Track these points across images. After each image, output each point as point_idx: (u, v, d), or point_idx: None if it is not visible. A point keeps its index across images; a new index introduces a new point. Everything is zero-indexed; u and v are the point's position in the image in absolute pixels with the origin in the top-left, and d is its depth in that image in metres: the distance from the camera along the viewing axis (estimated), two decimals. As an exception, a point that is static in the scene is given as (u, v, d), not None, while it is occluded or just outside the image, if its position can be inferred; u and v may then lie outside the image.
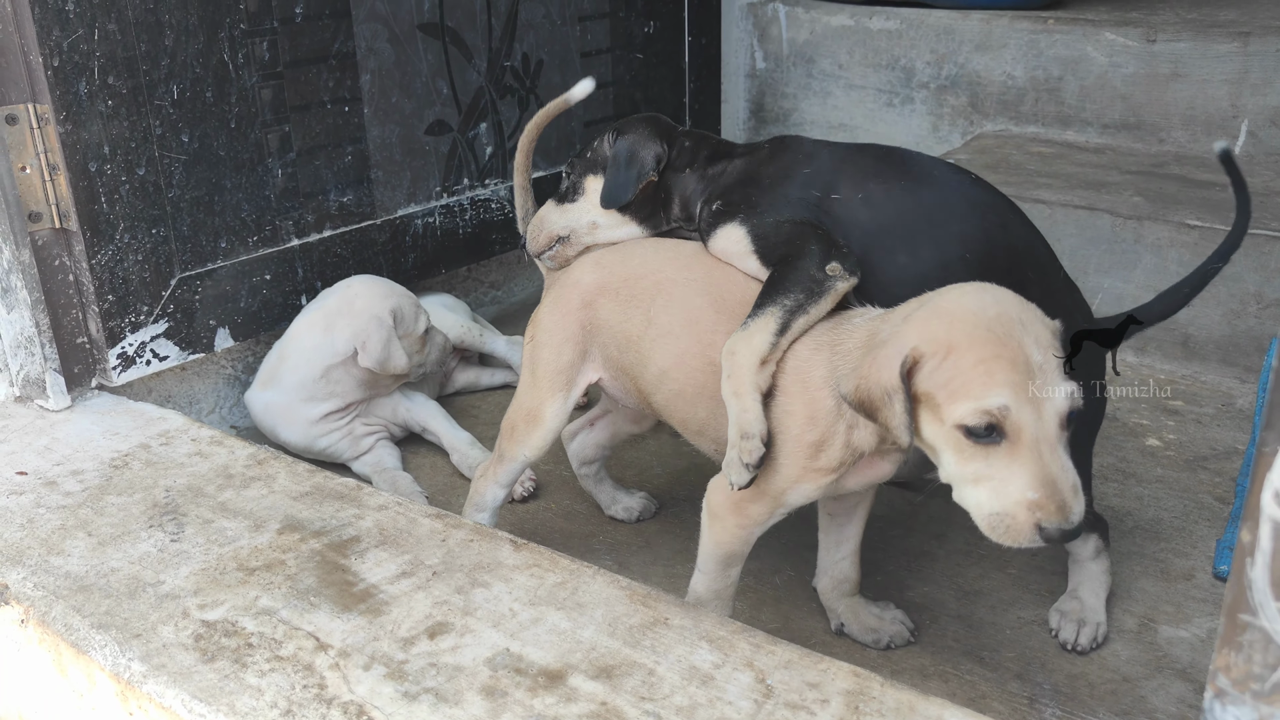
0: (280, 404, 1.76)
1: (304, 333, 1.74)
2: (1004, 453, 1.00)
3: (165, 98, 1.66)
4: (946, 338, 1.01)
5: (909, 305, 1.12)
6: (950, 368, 1.01)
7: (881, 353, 1.06)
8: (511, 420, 1.44)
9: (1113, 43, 2.50)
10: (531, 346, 1.42)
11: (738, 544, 1.26)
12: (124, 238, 1.65)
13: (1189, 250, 2.05)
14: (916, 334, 1.04)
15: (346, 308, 1.71)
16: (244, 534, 1.30)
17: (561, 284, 1.43)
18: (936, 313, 1.05)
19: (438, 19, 2.06)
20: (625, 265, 1.38)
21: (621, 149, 1.45)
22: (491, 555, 1.24)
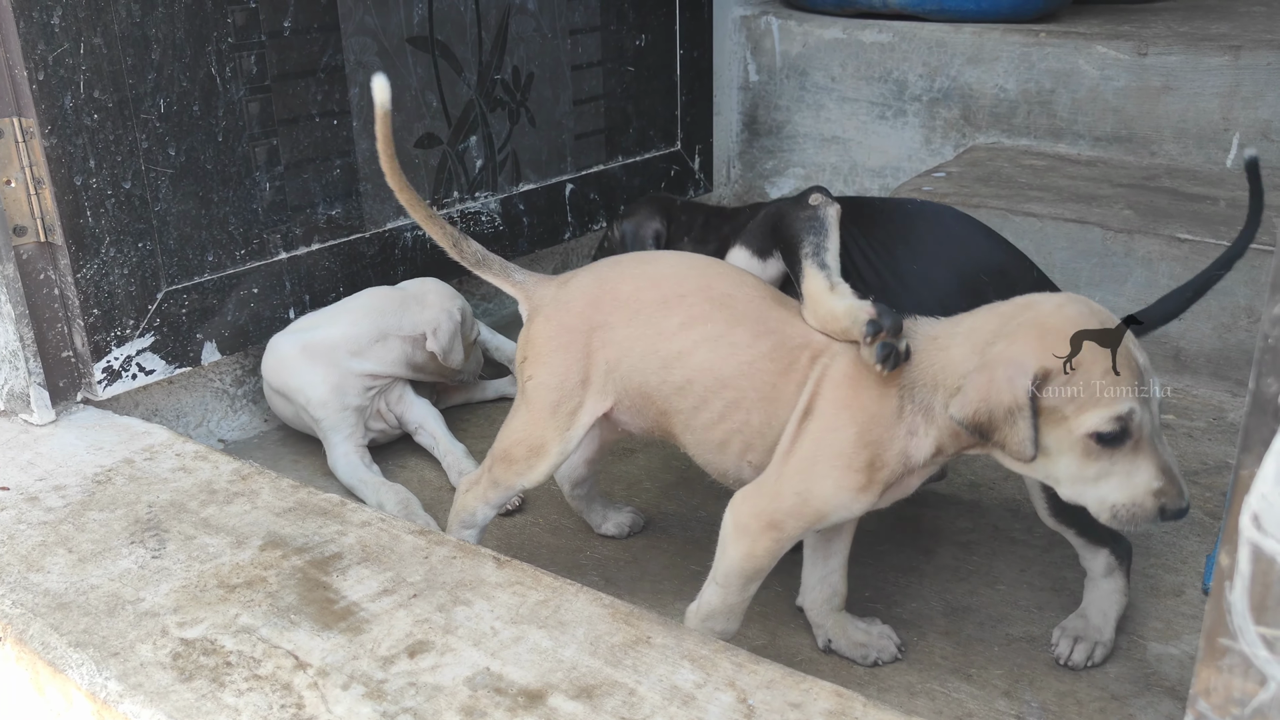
0: (323, 348, 1.77)
1: (374, 300, 1.83)
2: (1128, 450, 1.06)
3: (152, 111, 1.66)
4: (1052, 359, 1.05)
5: (986, 318, 1.13)
6: (1079, 381, 1.04)
7: (998, 373, 1.06)
8: (508, 449, 1.34)
9: (1104, 56, 2.50)
10: (528, 370, 1.32)
11: (766, 560, 1.21)
12: (109, 251, 1.64)
13: (1180, 264, 2.04)
14: (1034, 352, 1.05)
15: (422, 297, 1.85)
16: (226, 550, 1.30)
17: (559, 302, 1.32)
18: (1048, 329, 1.07)
19: (427, 32, 2.06)
20: (628, 280, 1.30)
21: (627, 230, 1.64)
22: (474, 573, 1.23)
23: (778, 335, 1.21)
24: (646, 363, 1.26)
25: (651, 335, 1.25)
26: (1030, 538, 1.62)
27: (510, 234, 2.31)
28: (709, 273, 1.28)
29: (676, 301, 1.25)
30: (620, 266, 1.33)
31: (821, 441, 1.16)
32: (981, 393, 1.07)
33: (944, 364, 1.13)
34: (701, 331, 1.23)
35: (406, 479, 1.82)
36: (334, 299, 1.95)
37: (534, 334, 1.33)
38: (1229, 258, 1.39)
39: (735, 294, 1.25)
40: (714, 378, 1.22)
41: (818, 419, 1.17)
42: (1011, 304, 1.13)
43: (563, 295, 1.33)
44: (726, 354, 1.21)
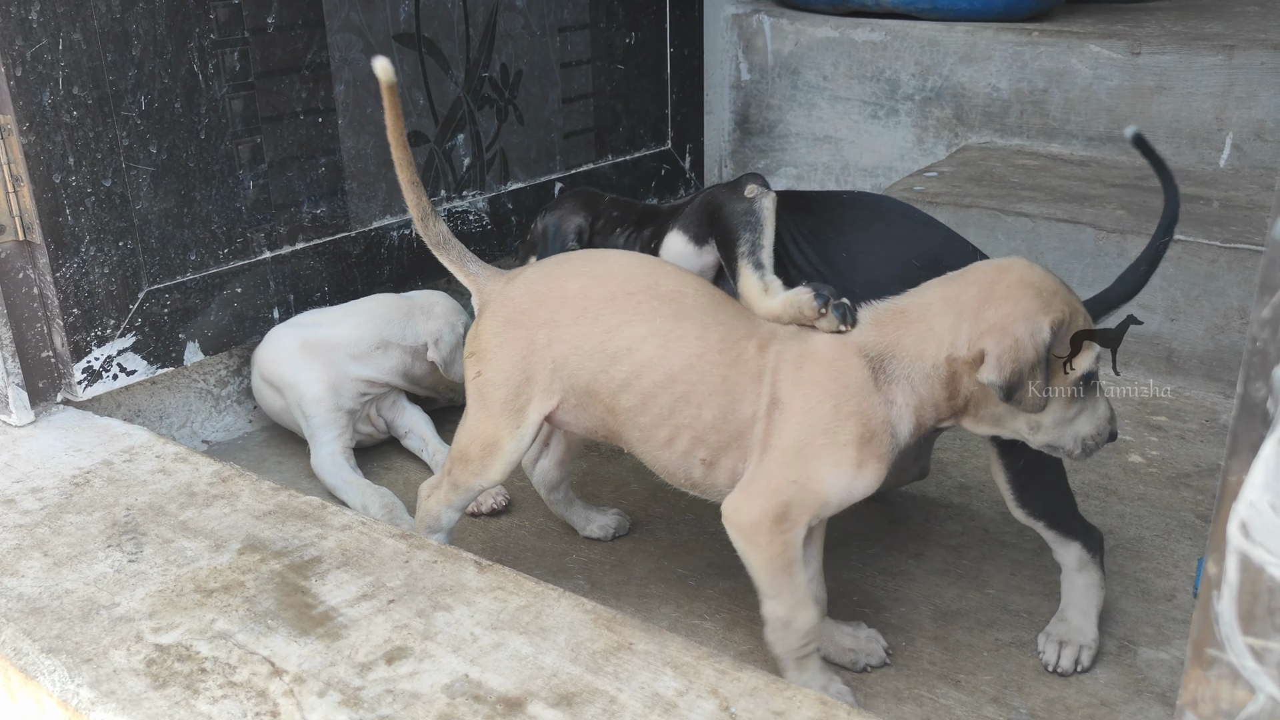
0: (324, 346, 1.76)
1: (380, 306, 1.84)
2: (1092, 389, 1.19)
3: (132, 108, 1.64)
4: (1066, 310, 1.13)
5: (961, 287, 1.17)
6: (1073, 329, 1.14)
7: (1019, 332, 1.11)
8: (464, 448, 1.32)
9: (1097, 55, 2.49)
10: (475, 366, 1.30)
11: (792, 550, 1.19)
12: (90, 250, 1.62)
13: (1172, 264, 2.03)
14: (1040, 309, 1.12)
15: (429, 309, 1.86)
16: (204, 554, 1.28)
17: (506, 298, 1.30)
18: (1039, 288, 1.14)
19: (414, 29, 2.04)
20: (575, 277, 1.28)
21: (549, 224, 1.63)
22: (455, 577, 1.21)
23: (725, 328, 1.21)
24: (593, 360, 1.24)
25: (598, 332, 1.23)
26: (1020, 541, 1.61)
27: (498, 233, 2.29)
28: (656, 271, 1.27)
29: (624, 299, 1.23)
30: (568, 264, 1.31)
31: (801, 424, 1.16)
32: (1012, 354, 1.11)
33: (923, 333, 1.16)
34: (648, 327, 1.22)
35: (391, 481, 1.80)
36: (319, 299, 1.93)
37: (482, 329, 1.31)
38: (1167, 223, 1.42)
39: (682, 290, 1.24)
40: (661, 373, 1.21)
41: (787, 405, 1.17)
42: (979, 271, 1.18)
43: (509, 291, 1.31)
44: (674, 348, 1.20)
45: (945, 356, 1.15)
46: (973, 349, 1.13)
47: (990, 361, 1.11)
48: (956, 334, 1.14)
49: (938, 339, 1.15)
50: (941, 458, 1.84)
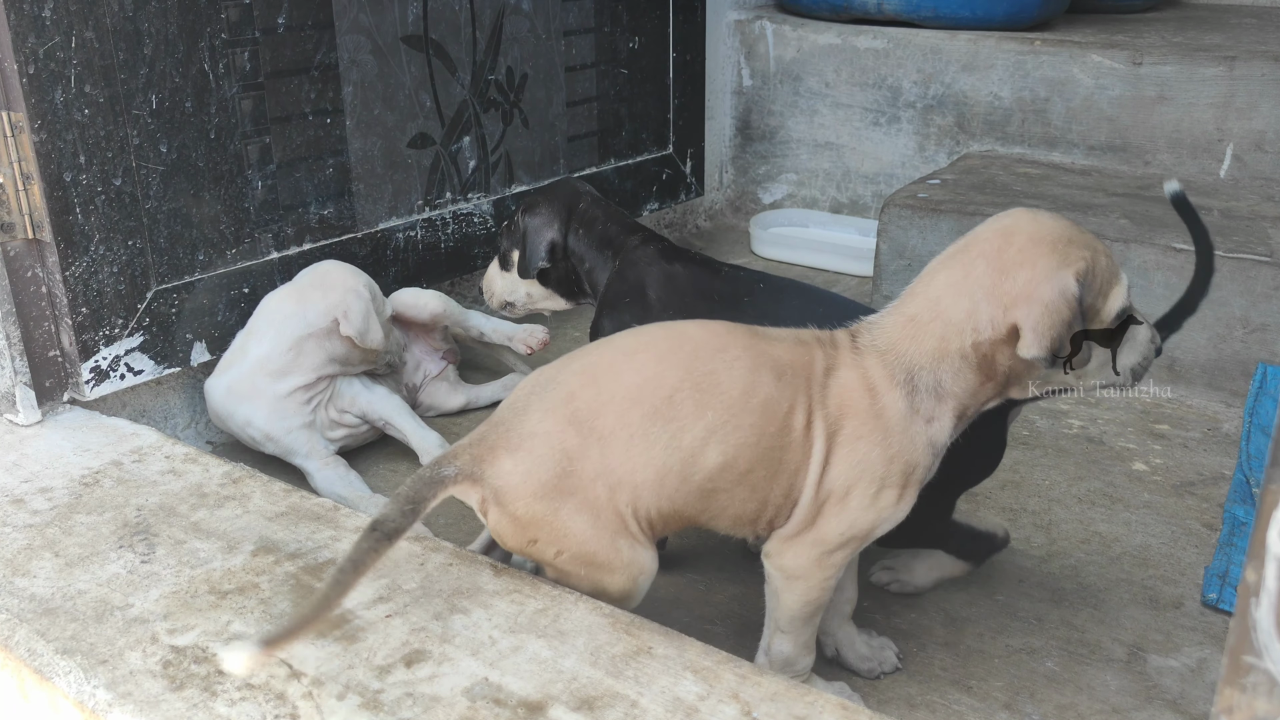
0: (244, 382, 1.70)
1: (273, 307, 1.73)
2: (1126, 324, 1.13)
3: (143, 107, 1.63)
4: (1087, 254, 1.08)
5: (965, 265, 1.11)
6: (1097, 277, 1.08)
7: (1048, 295, 1.05)
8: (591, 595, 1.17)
9: (1099, 65, 2.50)
10: (551, 548, 1.14)
11: (826, 595, 1.19)
12: (99, 249, 1.61)
13: (1175, 273, 2.04)
14: (1060, 263, 1.06)
15: (320, 281, 1.73)
16: (217, 556, 1.27)
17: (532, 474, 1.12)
18: (1051, 240, 1.08)
19: (421, 31, 2.04)
20: (605, 409, 1.13)
21: (530, 227, 1.65)
22: (471, 580, 1.21)
23: (770, 402, 1.12)
24: (664, 486, 1.13)
25: (657, 458, 1.11)
26: (1028, 548, 1.61)
27: (503, 236, 2.29)
28: (683, 351, 1.14)
29: (666, 407, 1.11)
30: (582, 398, 1.13)
31: (850, 476, 1.13)
32: (1047, 321, 1.05)
33: (941, 332, 1.11)
34: (703, 429, 1.11)
35: (398, 483, 1.79)
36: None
37: (526, 515, 1.12)
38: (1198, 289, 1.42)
39: (716, 367, 1.13)
40: (733, 473, 1.13)
41: (837, 463, 1.13)
42: (981, 241, 1.11)
43: (532, 462, 1.12)
44: (733, 441, 1.12)
45: (971, 344, 1.10)
46: (1001, 326, 1.07)
47: (1027, 336, 1.05)
48: (977, 318, 1.08)
49: (958, 331, 1.10)
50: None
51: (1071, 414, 2.03)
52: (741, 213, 3.07)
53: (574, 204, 1.64)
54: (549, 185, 1.73)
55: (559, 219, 1.62)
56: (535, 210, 1.65)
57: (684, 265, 1.53)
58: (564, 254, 1.62)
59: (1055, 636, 1.42)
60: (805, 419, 1.12)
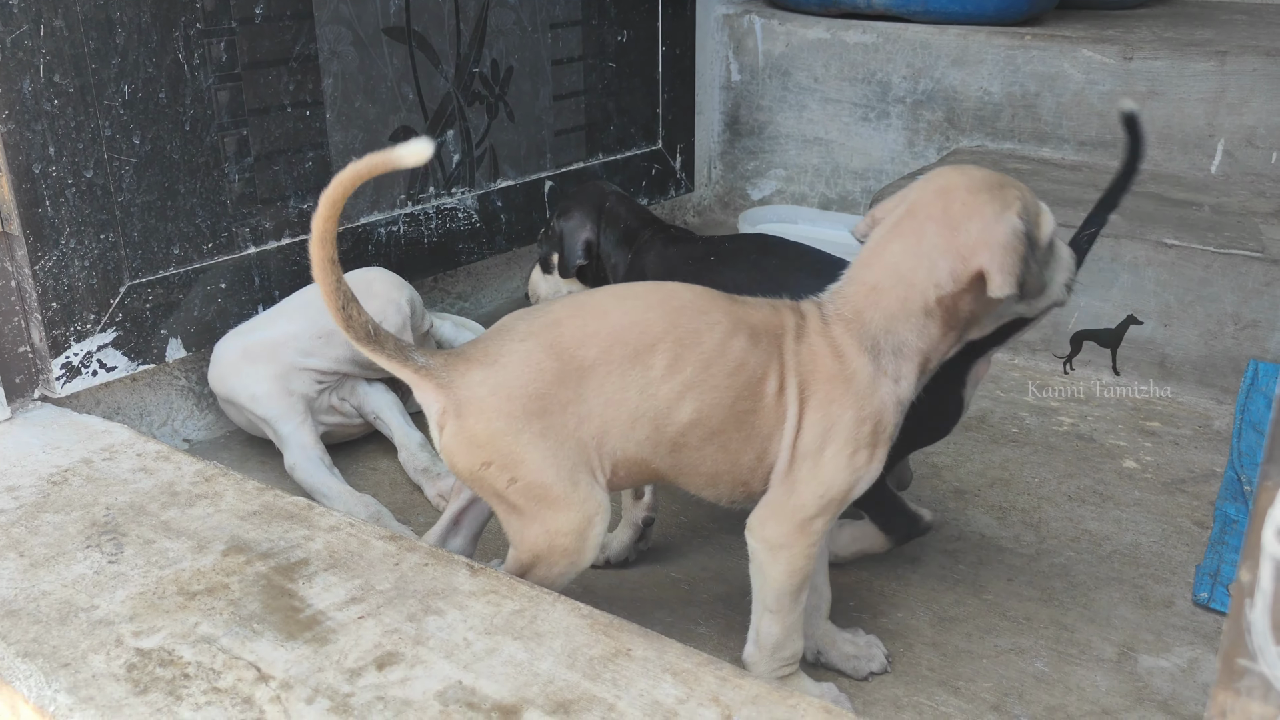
0: (264, 349, 1.70)
1: (312, 297, 1.73)
2: (1052, 246, 1.20)
3: (115, 98, 1.60)
4: (1018, 193, 1.16)
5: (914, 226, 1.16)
6: (1030, 211, 1.15)
7: (1001, 238, 1.11)
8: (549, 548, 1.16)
9: (1090, 60, 2.48)
10: (503, 475, 1.13)
11: (810, 564, 1.20)
12: (70, 243, 1.58)
13: (1166, 269, 2.02)
14: (1003, 204, 1.13)
15: (365, 289, 1.73)
16: (186, 555, 1.24)
17: (503, 386, 1.12)
18: (990, 184, 1.15)
19: (404, 23, 2.00)
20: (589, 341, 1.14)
21: (566, 230, 1.71)
22: (447, 580, 1.18)
23: (745, 368, 1.15)
24: (635, 430, 1.15)
25: (633, 399, 1.13)
26: (1017, 546, 1.59)
27: (487, 231, 2.26)
28: (669, 306, 1.17)
29: (648, 353, 1.13)
30: (570, 326, 1.15)
31: (822, 440, 1.16)
32: (1009, 260, 1.11)
33: (904, 294, 1.15)
34: (680, 382, 1.14)
35: (377, 483, 1.76)
36: (305, 295, 1.89)
37: (486, 432, 1.12)
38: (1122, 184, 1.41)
39: (699, 326, 1.15)
40: (704, 429, 1.15)
41: (809, 428, 1.16)
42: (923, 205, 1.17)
43: (506, 377, 1.12)
44: (709, 400, 1.15)
45: (935, 299, 1.15)
46: (964, 276, 1.13)
47: (996, 277, 1.11)
48: (938, 275, 1.14)
49: (920, 291, 1.15)
50: (936, 462, 1.82)
51: (1062, 411, 2.01)
52: (730, 208, 3.05)
53: (602, 204, 1.71)
54: (579, 189, 1.78)
55: (590, 220, 1.70)
56: (569, 214, 1.72)
57: (682, 246, 1.62)
58: (597, 251, 1.70)
59: (1044, 636, 1.39)
60: (778, 384, 1.16)
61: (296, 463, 1.68)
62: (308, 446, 1.69)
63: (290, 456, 1.69)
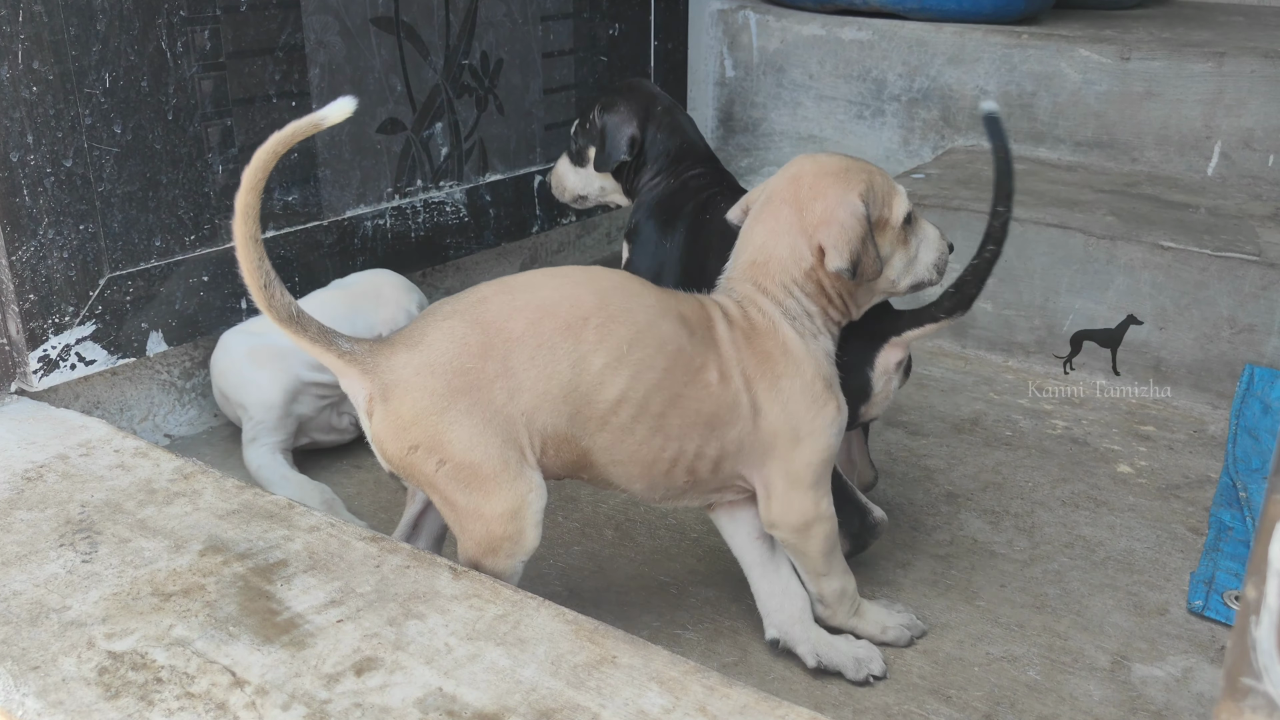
0: (276, 352, 1.67)
1: (322, 301, 1.72)
2: (915, 228, 1.32)
3: (96, 86, 1.56)
4: (864, 177, 1.26)
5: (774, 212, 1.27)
6: (877, 193, 1.26)
7: (841, 217, 1.22)
8: (486, 538, 1.15)
9: (1087, 59, 2.46)
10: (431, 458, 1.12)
11: (835, 520, 1.28)
12: (48, 233, 1.54)
13: (1162, 272, 2.00)
14: (845, 189, 1.24)
15: (374, 294, 1.74)
16: (163, 555, 1.21)
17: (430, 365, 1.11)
18: (834, 171, 1.26)
19: (392, 13, 1.97)
20: (516, 315, 1.14)
21: (609, 125, 1.73)
22: (428, 584, 1.15)
23: (681, 352, 1.18)
24: (565, 404, 1.14)
25: (564, 371, 1.13)
26: (1010, 551, 1.57)
27: (476, 226, 2.23)
28: (599, 286, 1.18)
29: (579, 326, 1.14)
30: (496, 302, 1.15)
31: (791, 413, 1.22)
32: (844, 237, 1.22)
33: (782, 267, 1.25)
34: (611, 355, 1.14)
35: (361, 480, 1.73)
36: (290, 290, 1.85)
37: (412, 414, 1.11)
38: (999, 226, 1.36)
39: (630, 305, 1.17)
40: (634, 406, 1.15)
41: (769, 407, 1.22)
42: (779, 190, 1.27)
43: (431, 356, 1.11)
44: (645, 383, 1.15)
45: (802, 273, 1.24)
46: (813, 253, 1.23)
47: (830, 253, 1.22)
48: (797, 251, 1.24)
49: (794, 263, 1.24)
50: (928, 465, 1.80)
51: (1055, 414, 1.99)
52: (722, 206, 3.02)
53: (651, 106, 1.74)
54: (624, 85, 1.80)
55: (637, 117, 1.72)
56: (614, 108, 1.73)
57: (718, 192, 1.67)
58: (642, 149, 1.73)
59: (1037, 644, 1.37)
60: (719, 373, 1.19)
61: (259, 458, 1.66)
62: (278, 453, 1.67)
63: (254, 452, 1.66)
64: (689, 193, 1.68)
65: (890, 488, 1.73)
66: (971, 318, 2.21)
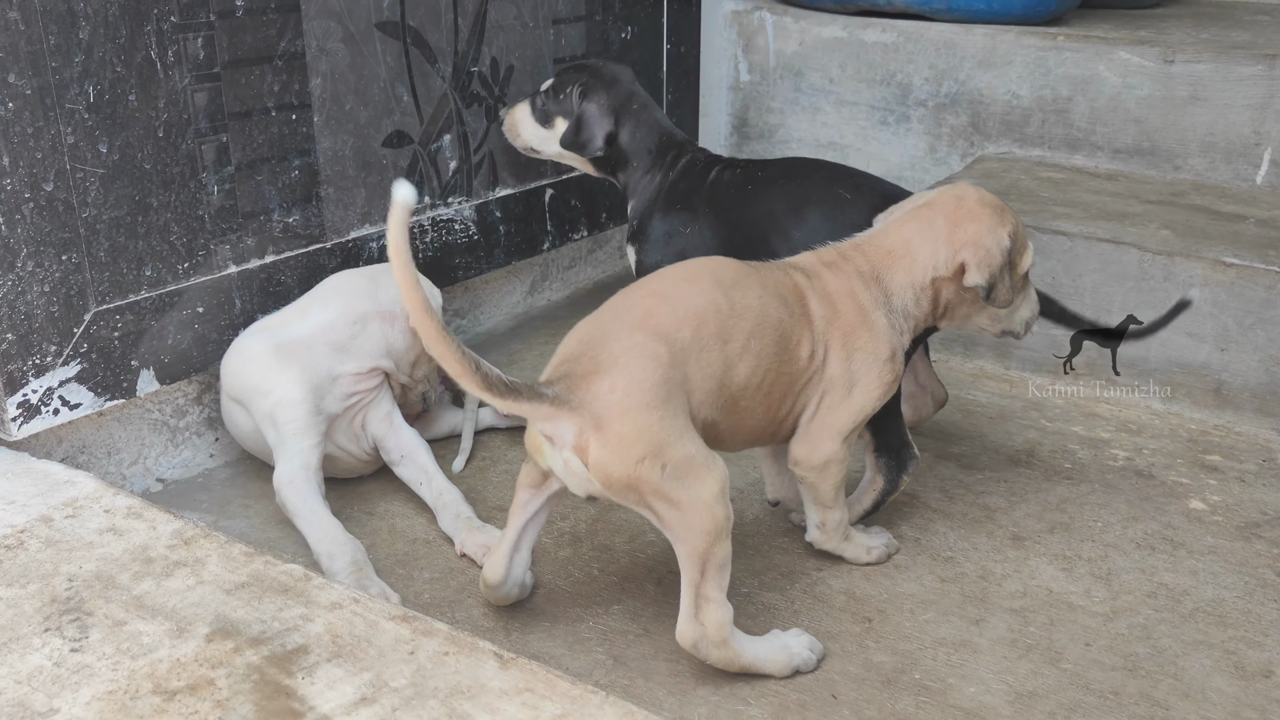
0: (301, 347, 1.56)
1: (341, 281, 1.66)
2: (1025, 283, 1.48)
3: (79, 101, 1.41)
4: (1015, 221, 1.43)
5: (928, 217, 1.42)
6: (1019, 239, 1.43)
7: (989, 244, 1.38)
8: (714, 524, 1.20)
9: (1127, 62, 2.33)
10: (657, 462, 1.16)
11: (846, 465, 1.43)
12: (27, 265, 1.39)
13: (1224, 290, 1.87)
14: (999, 224, 1.40)
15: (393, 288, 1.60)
16: (164, 641, 1.06)
17: (634, 386, 1.17)
18: (994, 207, 1.42)
19: (398, 17, 1.82)
20: (684, 321, 1.25)
21: (588, 113, 1.76)
22: (472, 674, 1.01)
23: (781, 327, 1.32)
24: (716, 396, 1.27)
25: (717, 368, 1.26)
26: (1089, 603, 1.44)
27: (485, 244, 2.08)
28: (723, 283, 1.30)
29: (724, 327, 1.27)
30: (660, 314, 1.24)
31: (850, 370, 1.37)
32: (986, 260, 1.38)
33: (910, 265, 1.40)
34: (741, 346, 1.28)
35: (374, 529, 1.58)
36: (291, 319, 1.71)
37: (634, 430, 1.15)
38: None
39: (748, 297, 1.30)
40: (756, 387, 1.31)
41: (837, 364, 1.36)
42: (940, 202, 1.42)
43: (633, 374, 1.17)
44: (764, 364, 1.31)
45: (931, 278, 1.40)
46: (952, 265, 1.39)
47: (972, 269, 1.38)
48: (936, 258, 1.40)
49: (923, 267, 1.40)
50: (988, 504, 1.67)
51: (1114, 443, 1.86)
52: (737, 216, 2.88)
53: (629, 103, 1.78)
54: (603, 73, 1.79)
55: (613, 114, 1.76)
56: (593, 97, 1.76)
57: (723, 170, 1.73)
58: (616, 145, 1.77)
59: (1136, 714, 1.24)
60: (810, 347, 1.34)
61: (294, 479, 1.50)
62: (311, 469, 1.52)
63: (288, 470, 1.50)
64: (694, 179, 1.73)
65: (951, 530, 1.60)
66: (1015, 338, 2.09)
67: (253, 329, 1.62)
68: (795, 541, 1.57)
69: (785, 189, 1.63)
